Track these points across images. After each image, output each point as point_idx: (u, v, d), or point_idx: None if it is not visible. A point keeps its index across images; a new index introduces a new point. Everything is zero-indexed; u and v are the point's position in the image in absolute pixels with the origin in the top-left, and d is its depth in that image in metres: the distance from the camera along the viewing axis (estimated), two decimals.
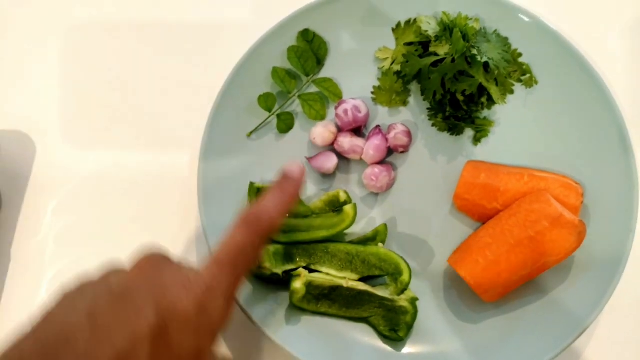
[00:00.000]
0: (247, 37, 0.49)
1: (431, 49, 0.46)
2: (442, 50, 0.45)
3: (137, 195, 0.50)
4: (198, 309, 0.28)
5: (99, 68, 0.54)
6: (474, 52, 0.44)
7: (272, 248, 0.43)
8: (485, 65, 0.46)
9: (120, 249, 0.48)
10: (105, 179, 0.51)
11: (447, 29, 0.46)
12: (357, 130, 0.48)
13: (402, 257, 0.43)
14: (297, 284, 0.42)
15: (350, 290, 0.43)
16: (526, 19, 0.48)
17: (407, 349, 0.43)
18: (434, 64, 0.46)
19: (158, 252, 0.32)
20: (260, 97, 0.48)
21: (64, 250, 0.49)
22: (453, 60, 0.45)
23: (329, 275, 0.43)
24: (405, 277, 0.42)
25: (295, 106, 0.50)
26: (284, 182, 0.37)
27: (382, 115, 0.50)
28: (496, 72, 0.46)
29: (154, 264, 0.31)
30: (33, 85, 0.54)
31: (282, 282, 0.44)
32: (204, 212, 0.45)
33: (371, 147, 0.46)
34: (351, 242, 0.45)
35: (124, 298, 0.27)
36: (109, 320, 0.26)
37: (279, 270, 0.43)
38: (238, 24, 0.55)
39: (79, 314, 0.26)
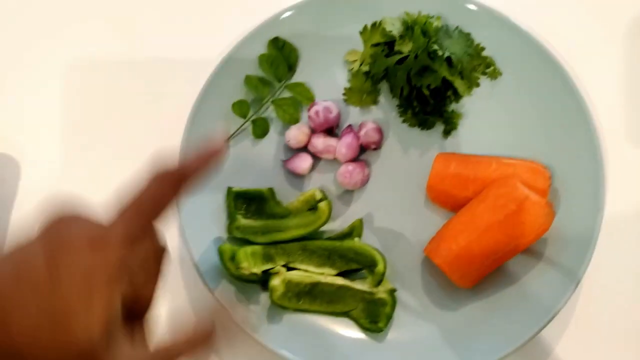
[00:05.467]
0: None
1: (396, 48, 0.48)
2: (406, 48, 0.47)
3: None
4: (90, 247, 0.26)
5: (90, 101, 0.55)
6: (435, 47, 0.46)
7: (250, 249, 0.44)
8: (449, 60, 0.47)
9: None
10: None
11: (410, 27, 0.48)
12: (330, 131, 0.50)
13: (376, 249, 0.44)
14: (276, 281, 0.43)
15: (329, 285, 0.44)
16: (486, 15, 0.50)
17: (389, 339, 0.43)
18: (399, 62, 0.47)
19: (60, 216, 0.28)
20: (234, 105, 0.50)
21: None
22: (416, 57, 0.46)
23: (308, 272, 0.44)
24: (380, 267, 0.43)
25: (270, 111, 0.51)
26: (204, 143, 0.32)
27: (355, 115, 0.51)
28: (459, 66, 0.47)
29: (57, 229, 0.27)
30: (20, 111, 0.55)
31: (262, 282, 0.45)
32: (183, 219, 0.46)
33: (343, 146, 0.48)
34: (329, 239, 0.46)
35: (14, 258, 0.26)
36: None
37: (257, 270, 0.44)
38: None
39: None
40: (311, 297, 0.44)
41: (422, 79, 0.47)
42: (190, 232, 0.45)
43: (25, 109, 0.55)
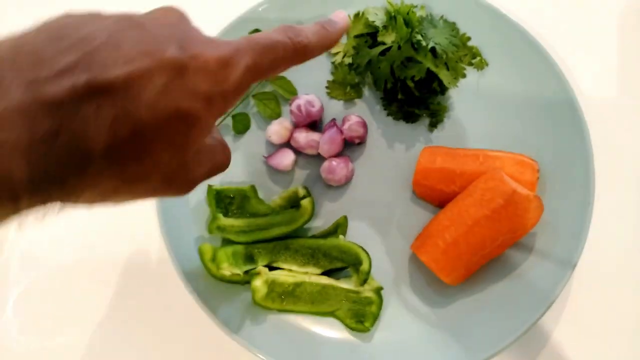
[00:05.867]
0: None
1: (379, 39, 0.46)
2: (389, 38, 0.46)
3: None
4: (219, 65, 0.26)
5: None
6: (419, 37, 0.44)
7: (230, 249, 0.43)
8: (433, 51, 0.46)
9: (91, 263, 0.48)
10: None
11: (392, 17, 0.46)
12: (313, 125, 0.48)
13: (361, 247, 0.43)
14: (257, 282, 0.42)
15: (314, 285, 0.43)
16: (472, 3, 0.49)
17: (376, 339, 0.42)
18: (382, 53, 0.46)
19: (180, 10, 0.28)
20: None
21: (29, 268, 0.48)
22: (399, 48, 0.45)
23: (291, 271, 0.43)
24: (365, 266, 0.42)
25: (251, 106, 0.50)
26: (327, 21, 0.34)
27: (339, 109, 0.50)
28: (444, 56, 0.46)
29: (179, 15, 0.28)
30: None
31: (245, 283, 0.43)
32: (162, 217, 0.44)
33: (326, 140, 0.46)
34: (312, 237, 0.45)
35: (147, 29, 0.25)
36: (130, 40, 0.24)
37: (239, 270, 0.42)
38: None
39: (94, 24, 0.23)
40: (295, 298, 0.43)
41: (406, 70, 0.45)
42: (170, 232, 0.44)
43: None
